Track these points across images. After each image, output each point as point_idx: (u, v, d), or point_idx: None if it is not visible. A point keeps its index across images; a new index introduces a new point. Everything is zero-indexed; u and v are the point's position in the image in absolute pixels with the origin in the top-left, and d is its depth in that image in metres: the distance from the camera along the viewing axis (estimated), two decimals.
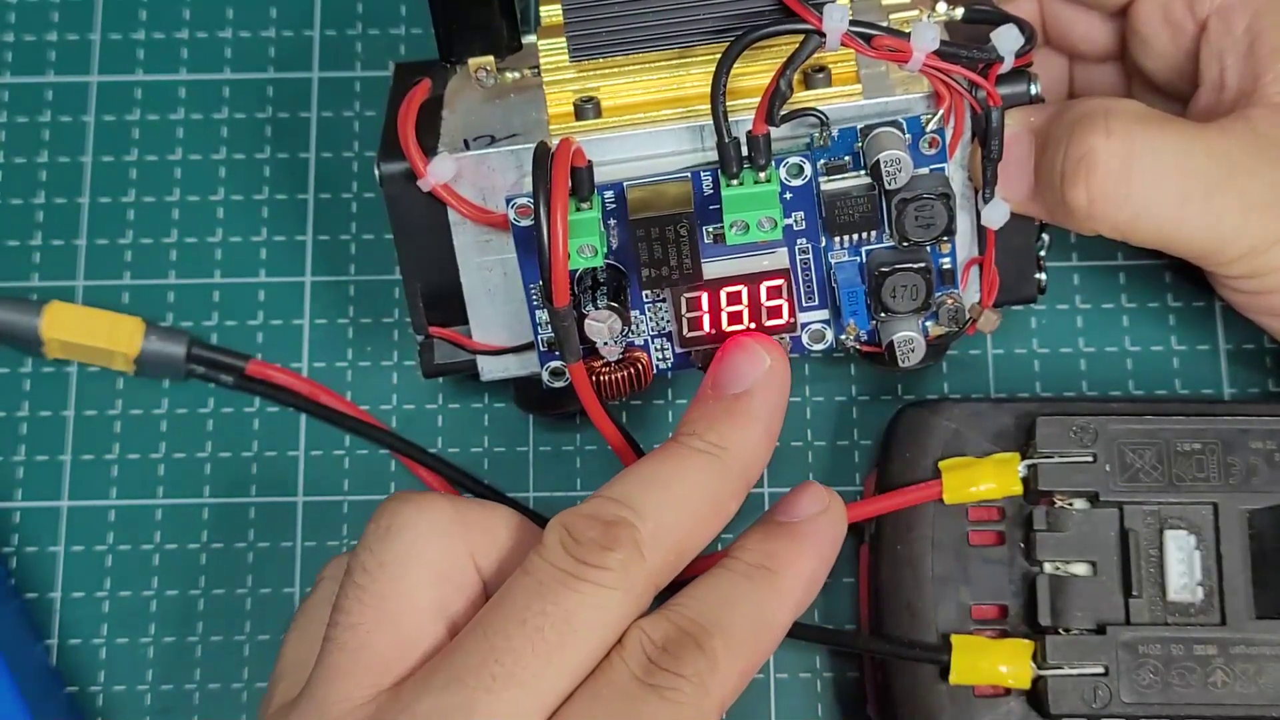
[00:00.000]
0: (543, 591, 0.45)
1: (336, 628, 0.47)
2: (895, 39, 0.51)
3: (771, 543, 0.50)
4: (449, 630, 0.47)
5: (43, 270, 0.68)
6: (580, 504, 0.47)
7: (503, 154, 0.55)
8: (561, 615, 0.45)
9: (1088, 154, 0.53)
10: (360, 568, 0.48)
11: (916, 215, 0.53)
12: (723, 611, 0.47)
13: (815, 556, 0.50)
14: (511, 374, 0.58)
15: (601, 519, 0.46)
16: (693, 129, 0.54)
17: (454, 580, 0.48)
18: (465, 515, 0.49)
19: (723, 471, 0.49)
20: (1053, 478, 0.58)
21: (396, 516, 0.48)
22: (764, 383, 0.50)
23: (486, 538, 0.49)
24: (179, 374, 0.66)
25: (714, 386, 0.51)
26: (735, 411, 0.50)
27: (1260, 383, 0.66)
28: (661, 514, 0.47)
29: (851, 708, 0.63)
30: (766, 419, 0.50)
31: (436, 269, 0.57)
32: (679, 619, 0.47)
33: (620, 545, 0.46)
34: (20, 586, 0.65)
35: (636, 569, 0.46)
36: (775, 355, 0.51)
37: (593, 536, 0.46)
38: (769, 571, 0.49)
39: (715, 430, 0.49)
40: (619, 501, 0.47)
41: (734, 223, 0.51)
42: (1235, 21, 0.57)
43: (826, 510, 0.51)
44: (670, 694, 0.45)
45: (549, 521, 0.47)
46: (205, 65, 0.70)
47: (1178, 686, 0.56)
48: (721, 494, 0.49)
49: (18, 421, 0.66)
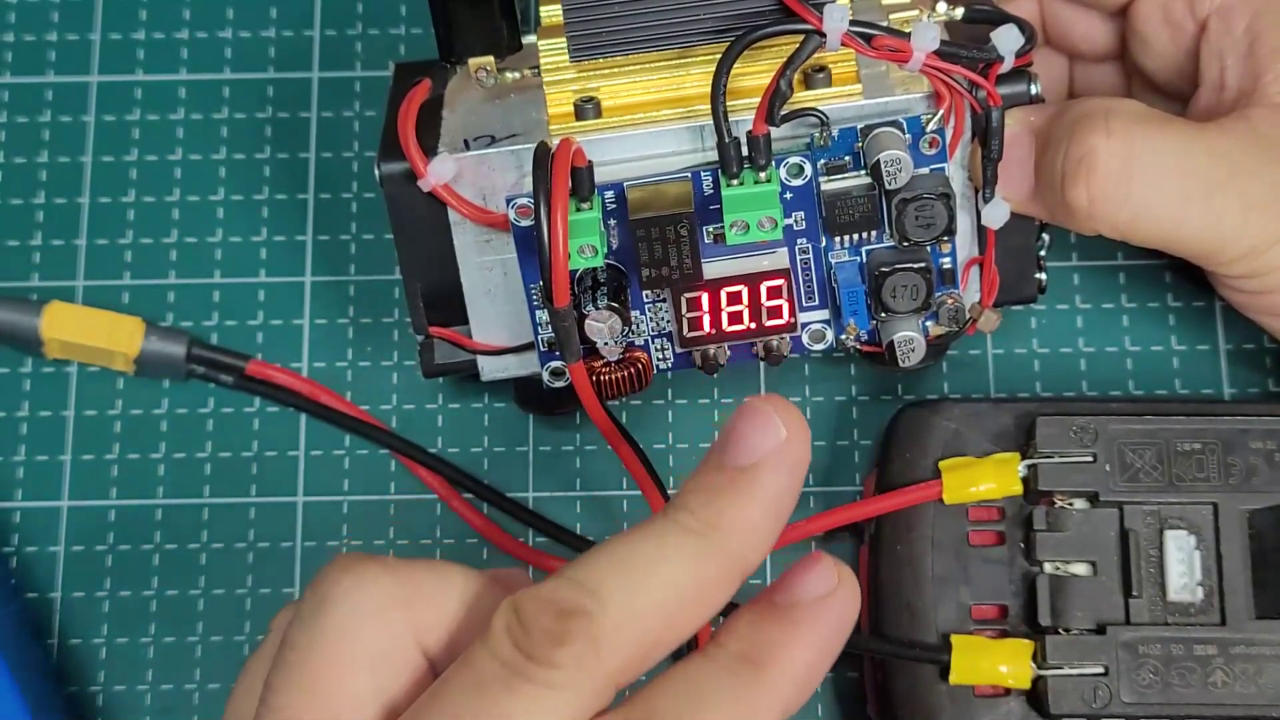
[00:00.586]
0: (482, 691, 0.39)
1: (265, 707, 0.42)
2: (895, 39, 0.51)
3: (763, 630, 0.42)
4: (386, 715, 0.42)
5: (43, 270, 0.68)
6: (540, 584, 0.41)
7: (503, 154, 0.55)
8: (499, 718, 0.39)
9: (1088, 154, 0.53)
10: (291, 644, 0.43)
11: (917, 215, 0.53)
12: (693, 711, 0.40)
13: (815, 648, 0.42)
14: (511, 374, 0.58)
15: (557, 605, 0.40)
16: (693, 129, 0.54)
17: (392, 661, 0.43)
18: (409, 585, 0.43)
19: (711, 555, 0.41)
20: (1053, 478, 0.58)
21: (334, 588, 0.43)
22: (776, 457, 0.42)
23: (434, 611, 0.43)
24: (179, 374, 0.66)
25: (719, 454, 0.43)
26: (737, 487, 0.42)
27: (1260, 383, 0.66)
28: (631, 603, 0.40)
29: (851, 708, 0.63)
30: (773, 501, 0.42)
31: (437, 269, 0.57)
32: (639, 718, 0.40)
33: (573, 640, 0.39)
34: (20, 586, 0.64)
35: (592, 667, 0.39)
36: (792, 426, 0.42)
37: (545, 625, 0.39)
38: (755, 665, 0.41)
39: (711, 506, 0.42)
40: (581, 585, 0.40)
41: (734, 223, 0.51)
42: (1235, 21, 0.57)
43: (834, 592, 0.43)
44: None
45: (501, 604, 0.41)
46: (205, 65, 0.70)
47: (1178, 686, 0.56)
48: (706, 582, 0.41)
49: (18, 421, 0.66)
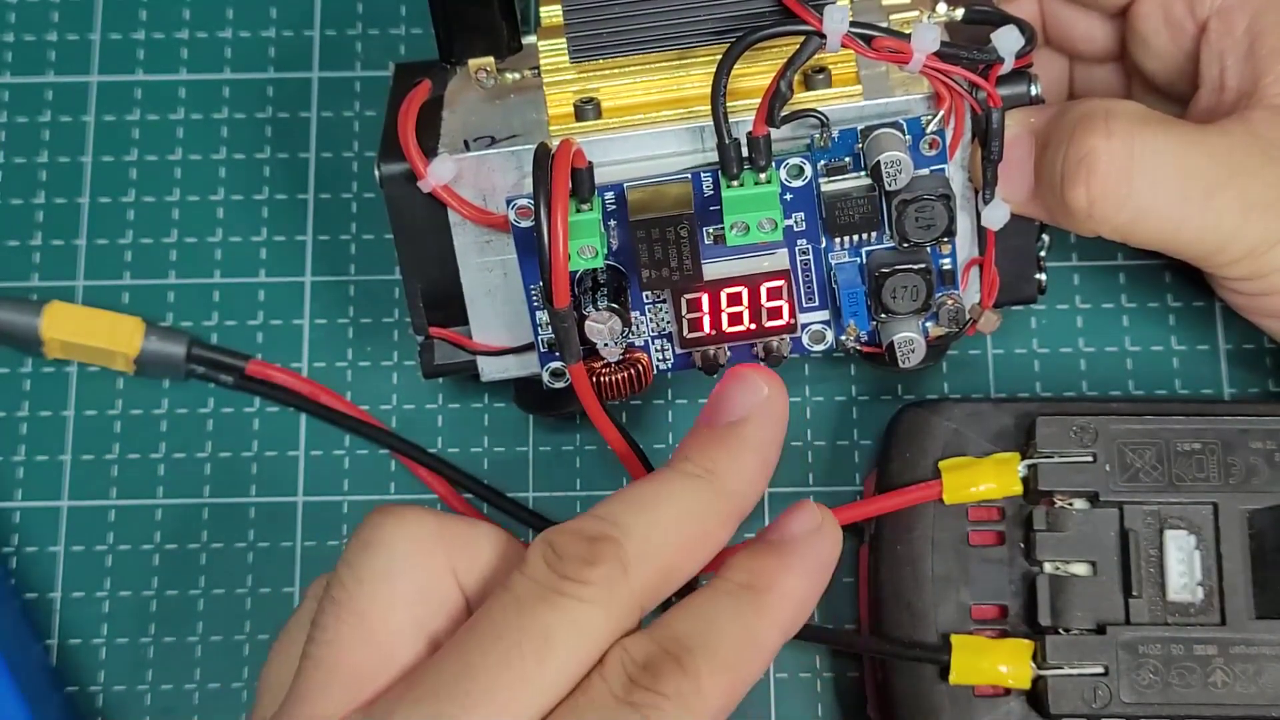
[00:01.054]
0: (521, 608, 0.44)
1: (314, 644, 0.46)
2: (896, 40, 0.51)
3: (760, 560, 0.48)
4: (429, 647, 0.46)
5: (43, 270, 0.68)
6: (567, 521, 0.46)
7: (503, 155, 0.55)
8: (540, 631, 0.43)
9: (1088, 155, 0.53)
10: (339, 583, 0.47)
11: (917, 216, 0.53)
12: (707, 631, 0.45)
13: (805, 576, 0.48)
14: (511, 375, 0.58)
15: (585, 535, 0.45)
16: (693, 130, 0.54)
17: (435, 597, 0.47)
18: (448, 531, 0.48)
19: (713, 497, 0.47)
20: (1053, 478, 0.58)
21: (377, 531, 0.47)
22: (760, 412, 0.49)
23: (469, 555, 0.48)
24: (179, 374, 0.66)
25: (710, 415, 0.49)
26: (729, 438, 0.48)
27: (1260, 383, 0.66)
28: (648, 534, 0.46)
29: (851, 708, 0.63)
30: (762, 448, 0.49)
31: (437, 270, 0.57)
32: (661, 638, 0.45)
33: (603, 561, 0.44)
34: (20, 586, 0.65)
35: (619, 586, 0.45)
36: (773, 386, 0.49)
37: (576, 552, 0.45)
38: (756, 591, 0.47)
39: (707, 456, 0.48)
40: (605, 519, 0.46)
41: (734, 224, 0.51)
42: (1235, 22, 0.57)
43: (819, 529, 0.49)
44: (651, 713, 0.43)
45: (534, 539, 0.46)
46: (205, 65, 0.70)
47: (1178, 686, 0.56)
48: (710, 519, 0.47)
49: (18, 421, 0.66)
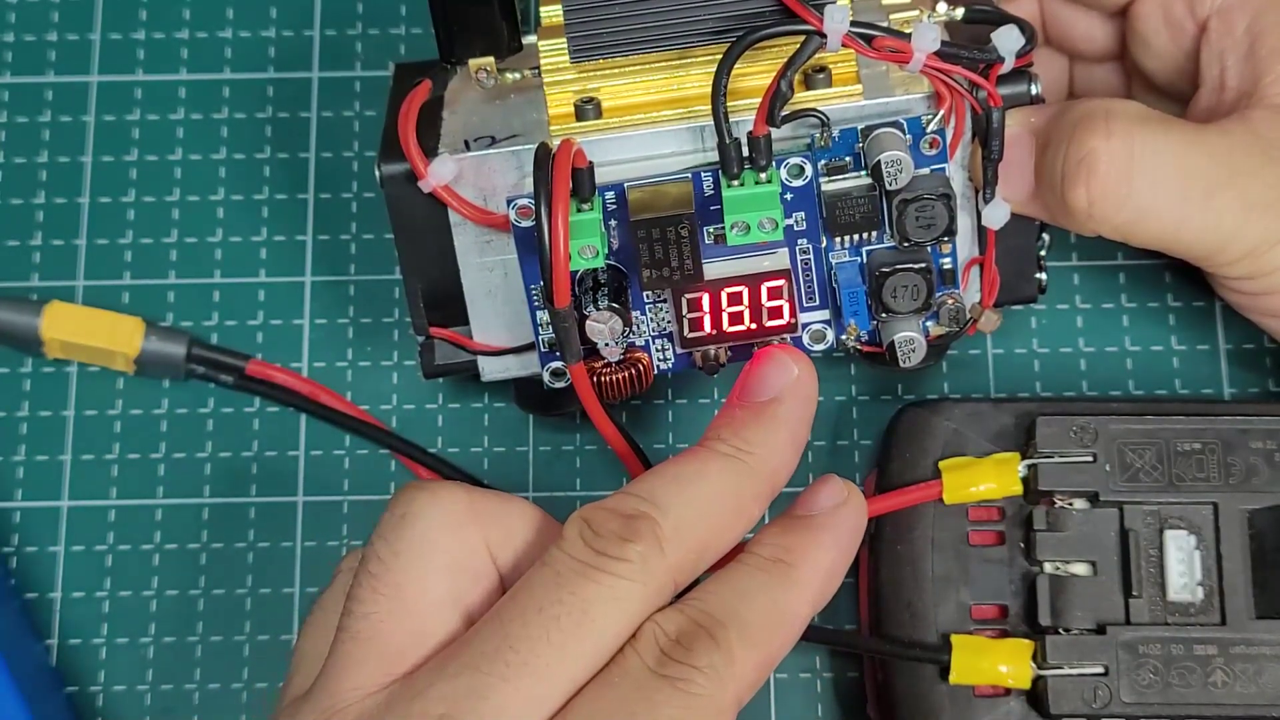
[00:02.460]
0: (560, 582, 0.45)
1: (350, 617, 0.47)
2: (896, 39, 0.51)
3: (789, 536, 0.49)
4: (464, 620, 0.47)
5: (43, 270, 0.68)
6: (603, 500, 0.47)
7: (503, 155, 0.55)
8: (578, 605, 0.44)
9: (1088, 155, 0.53)
10: (375, 556, 0.47)
11: (917, 215, 0.53)
12: (739, 604, 0.46)
13: (834, 548, 0.49)
14: (512, 375, 0.58)
15: (622, 512, 0.46)
16: (693, 130, 0.54)
17: (469, 570, 0.48)
18: (481, 506, 0.49)
19: (747, 474, 0.48)
20: (1053, 478, 0.58)
21: (412, 504, 0.48)
22: (791, 391, 0.50)
23: (502, 530, 0.49)
24: (179, 374, 0.66)
25: (741, 394, 0.50)
26: (762, 417, 0.49)
27: (1260, 383, 0.66)
28: (683, 511, 0.47)
29: (851, 708, 0.63)
30: (793, 425, 0.50)
31: (437, 270, 0.57)
32: (693, 612, 0.46)
33: (640, 538, 0.45)
34: (20, 586, 0.65)
35: (656, 562, 0.45)
36: (803, 366, 0.50)
37: (613, 529, 0.46)
38: (786, 565, 0.48)
39: (740, 435, 0.49)
40: (641, 497, 0.47)
41: (735, 223, 0.51)
42: (1236, 22, 0.57)
43: (845, 502, 0.50)
44: (684, 684, 0.44)
45: (570, 516, 0.47)
46: (205, 65, 0.70)
47: (1178, 686, 0.56)
48: (744, 496, 0.48)
49: (18, 421, 0.66)
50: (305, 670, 0.50)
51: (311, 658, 0.50)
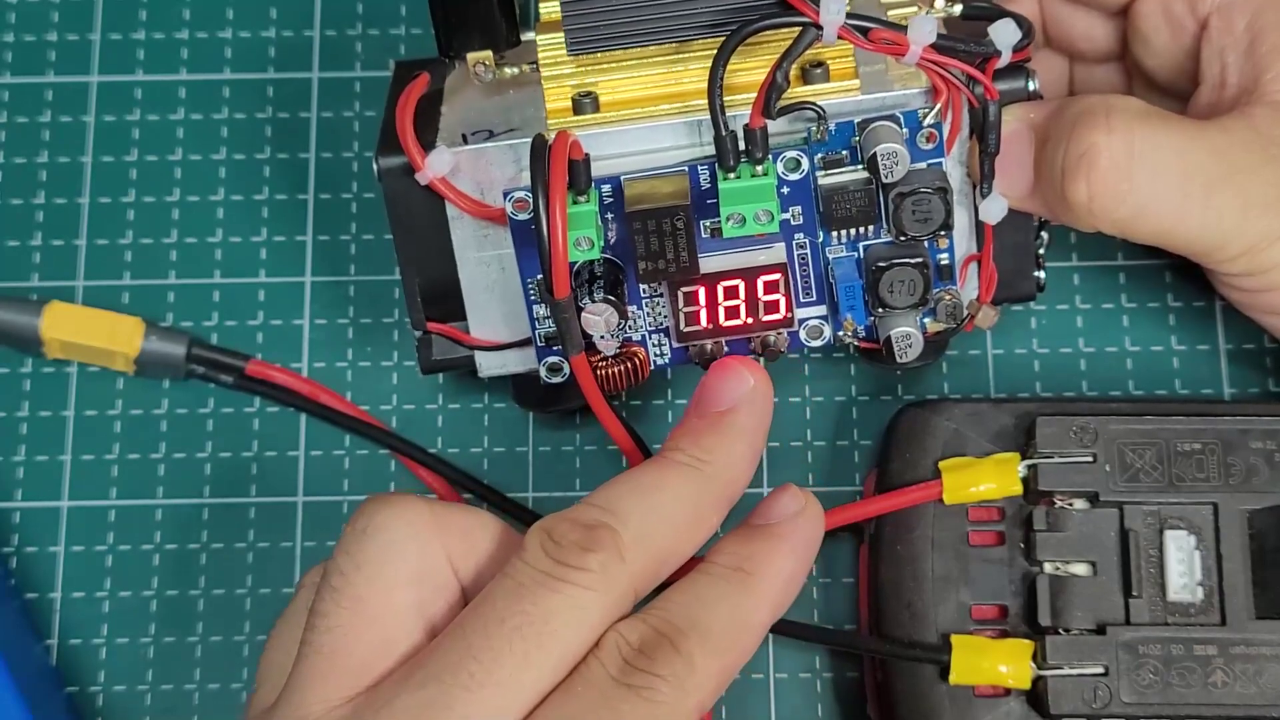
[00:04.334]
0: (522, 593, 0.45)
1: (314, 630, 0.47)
2: (892, 32, 0.51)
3: (748, 545, 0.50)
4: (427, 632, 0.48)
5: (43, 270, 0.68)
6: (563, 511, 0.48)
7: (501, 148, 0.55)
8: (540, 615, 0.45)
9: (1089, 150, 0.53)
10: (337, 570, 0.48)
11: (914, 209, 0.53)
12: (700, 613, 0.47)
13: (792, 557, 0.50)
14: (509, 370, 0.58)
15: (583, 522, 0.47)
16: (690, 124, 0.54)
17: (432, 581, 0.48)
18: (443, 518, 0.49)
19: (704, 483, 0.49)
20: (1053, 478, 0.58)
21: (374, 518, 0.48)
22: (747, 400, 0.50)
23: (464, 542, 0.49)
24: (179, 374, 0.66)
25: (699, 405, 0.51)
26: (718, 427, 0.50)
27: (1260, 383, 0.65)
28: (643, 521, 0.47)
29: (851, 708, 0.63)
30: (749, 435, 0.50)
31: (435, 264, 0.57)
32: (655, 621, 0.47)
33: (600, 547, 0.46)
34: (20, 586, 0.65)
35: (616, 572, 0.46)
36: (758, 376, 0.51)
37: (573, 539, 0.46)
38: (745, 573, 0.49)
39: (698, 444, 0.50)
40: (601, 507, 0.47)
41: (730, 215, 0.51)
42: (1236, 19, 0.57)
43: (803, 511, 0.51)
44: (647, 693, 0.45)
45: (530, 527, 0.47)
46: (205, 65, 0.70)
47: (1178, 686, 0.56)
48: (703, 505, 0.49)
49: (18, 421, 0.66)
50: (271, 683, 0.50)
51: (276, 671, 0.50)
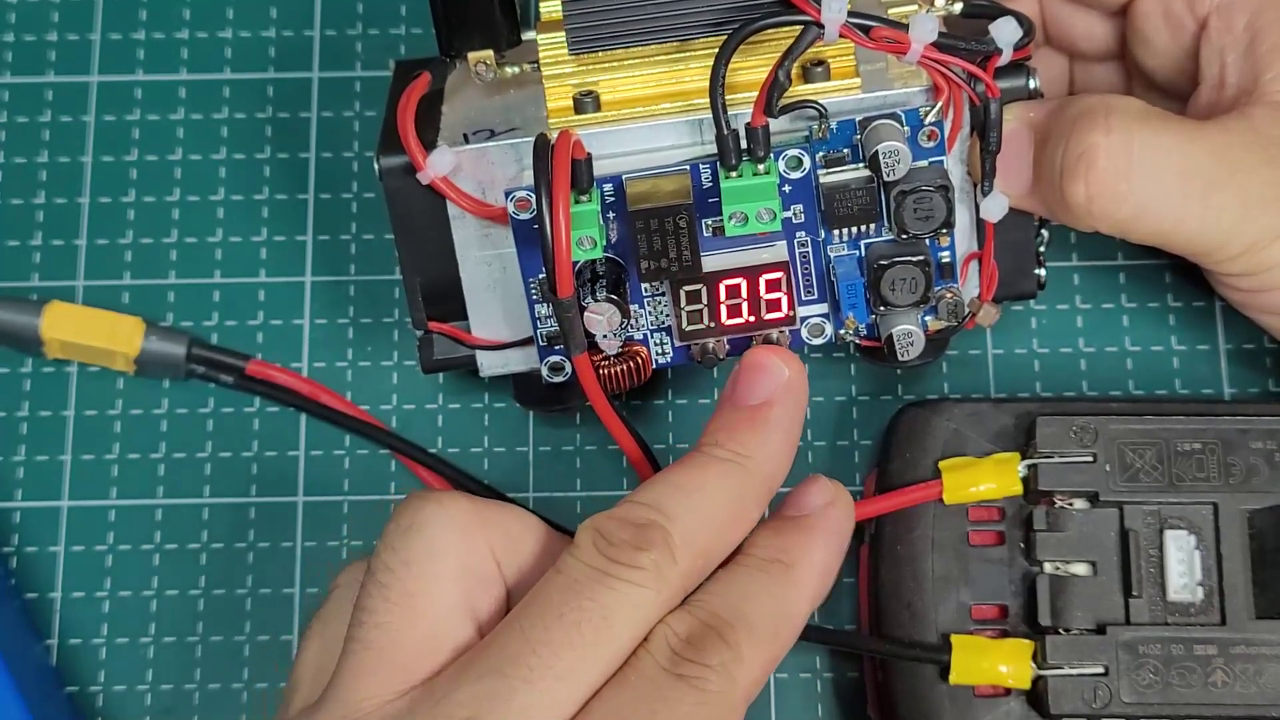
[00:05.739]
0: (578, 588, 0.46)
1: (362, 627, 0.48)
2: (893, 30, 0.51)
3: (784, 537, 0.50)
4: (474, 626, 0.48)
5: (43, 270, 0.68)
6: (612, 509, 0.48)
7: (502, 148, 0.55)
8: (599, 611, 0.46)
9: (1088, 150, 0.53)
10: (384, 567, 0.48)
11: (915, 207, 0.53)
12: (743, 604, 0.48)
13: (826, 547, 0.51)
14: (511, 369, 0.58)
15: (633, 522, 0.47)
16: (691, 123, 0.54)
17: (477, 577, 0.49)
18: (486, 515, 0.49)
19: (746, 479, 0.50)
20: (1053, 478, 0.58)
21: (418, 514, 0.49)
22: (783, 393, 0.51)
23: (507, 539, 0.50)
24: (179, 374, 0.66)
25: (734, 398, 0.51)
26: (756, 421, 0.50)
27: (1260, 383, 0.65)
28: (690, 519, 0.48)
29: (851, 708, 0.63)
30: (786, 428, 0.51)
31: (436, 264, 0.57)
32: (702, 613, 0.47)
33: (653, 546, 0.47)
34: (20, 586, 0.64)
35: (669, 570, 0.47)
36: (793, 367, 0.51)
37: (625, 538, 0.47)
38: (784, 565, 0.50)
39: (737, 439, 0.50)
40: (649, 506, 0.48)
41: (733, 214, 0.51)
42: (1235, 19, 0.57)
43: (834, 502, 0.52)
44: (698, 682, 0.46)
45: (580, 525, 0.48)
46: (205, 65, 0.70)
47: (1178, 686, 0.56)
48: (745, 501, 0.50)
49: (18, 421, 0.66)
50: (309, 685, 0.50)
51: (315, 673, 0.51)
